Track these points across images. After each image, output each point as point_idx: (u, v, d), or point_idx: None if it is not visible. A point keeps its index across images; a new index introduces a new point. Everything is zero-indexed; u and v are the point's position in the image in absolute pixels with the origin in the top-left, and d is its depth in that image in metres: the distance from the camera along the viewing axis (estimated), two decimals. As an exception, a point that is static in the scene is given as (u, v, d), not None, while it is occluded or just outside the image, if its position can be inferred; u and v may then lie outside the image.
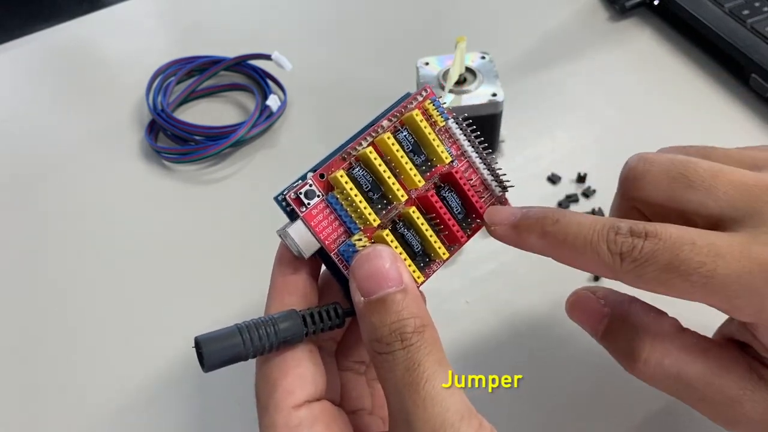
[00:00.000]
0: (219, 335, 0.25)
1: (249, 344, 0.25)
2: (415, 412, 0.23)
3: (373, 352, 0.24)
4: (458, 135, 0.30)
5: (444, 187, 0.29)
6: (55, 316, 0.42)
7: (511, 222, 0.28)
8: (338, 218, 0.27)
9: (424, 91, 0.29)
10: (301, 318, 0.26)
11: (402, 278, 0.25)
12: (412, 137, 0.28)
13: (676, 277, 0.24)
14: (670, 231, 0.25)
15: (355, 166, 0.27)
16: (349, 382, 0.30)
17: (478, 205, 0.29)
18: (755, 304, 0.24)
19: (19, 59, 0.60)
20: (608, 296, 0.31)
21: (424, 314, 0.25)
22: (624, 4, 0.59)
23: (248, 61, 0.56)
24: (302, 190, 0.27)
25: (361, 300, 0.25)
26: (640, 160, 0.29)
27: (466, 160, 0.30)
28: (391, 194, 0.27)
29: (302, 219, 0.27)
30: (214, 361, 0.24)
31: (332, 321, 0.27)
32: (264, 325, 0.25)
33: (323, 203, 0.27)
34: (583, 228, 0.26)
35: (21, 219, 0.48)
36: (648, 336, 0.28)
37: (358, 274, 0.25)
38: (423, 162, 0.28)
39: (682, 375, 0.27)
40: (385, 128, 0.28)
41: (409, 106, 0.29)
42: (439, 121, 0.29)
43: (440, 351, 0.24)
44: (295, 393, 0.25)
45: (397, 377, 0.24)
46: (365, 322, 0.25)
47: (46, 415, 0.38)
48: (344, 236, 0.27)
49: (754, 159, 0.28)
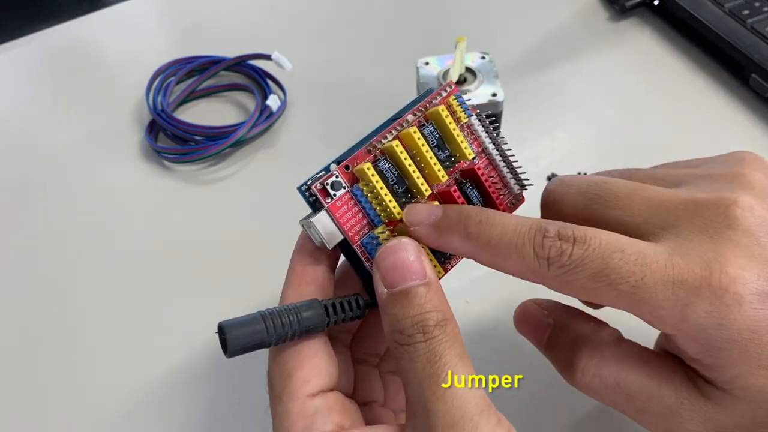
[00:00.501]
0: (243, 321, 0.25)
1: (272, 331, 0.25)
2: (435, 404, 0.23)
3: (394, 342, 0.25)
4: (480, 132, 0.30)
5: (465, 183, 0.29)
6: (54, 316, 0.42)
7: (431, 222, 0.27)
8: (362, 210, 0.27)
9: (448, 86, 0.29)
10: (324, 308, 0.26)
11: (426, 272, 0.25)
12: (437, 132, 0.28)
13: (605, 285, 0.24)
14: (600, 237, 0.24)
15: (380, 159, 0.27)
16: (363, 374, 0.30)
17: (498, 202, 0.29)
18: (676, 315, 0.23)
19: (19, 59, 0.60)
20: (553, 307, 0.30)
21: (446, 308, 0.25)
22: (624, 4, 0.59)
23: (248, 61, 0.56)
24: (329, 181, 0.27)
25: (384, 291, 0.25)
26: (558, 183, 0.29)
27: (486, 157, 0.30)
28: (416, 188, 0.28)
29: (327, 210, 0.27)
30: (236, 346, 0.24)
31: (353, 312, 0.27)
32: (287, 313, 0.25)
33: (348, 195, 0.27)
34: (508, 229, 0.25)
35: (21, 219, 0.48)
36: (586, 346, 0.27)
37: (382, 265, 0.26)
38: (446, 157, 0.28)
39: (621, 384, 0.26)
40: (410, 122, 0.28)
41: (433, 101, 0.29)
42: (462, 118, 0.29)
43: (461, 345, 0.24)
44: (311, 382, 0.25)
45: (417, 369, 0.24)
46: (388, 313, 0.25)
47: (46, 414, 0.38)
48: (367, 228, 0.27)
49: (673, 177, 0.28)
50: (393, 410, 0.30)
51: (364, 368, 0.31)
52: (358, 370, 0.30)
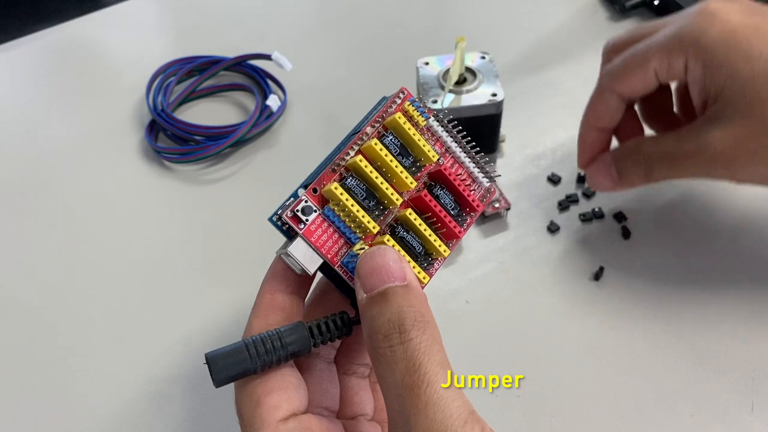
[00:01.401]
0: (227, 351, 0.25)
1: (256, 359, 0.25)
2: (417, 418, 0.22)
3: (372, 349, 0.24)
4: (440, 132, 0.30)
5: (435, 186, 0.29)
6: (54, 316, 0.42)
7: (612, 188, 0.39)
8: (337, 230, 0.27)
9: (401, 93, 0.29)
10: (308, 329, 0.26)
11: (405, 275, 0.25)
12: (398, 140, 0.28)
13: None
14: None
15: (346, 176, 0.27)
16: (351, 387, 0.30)
17: (470, 199, 0.29)
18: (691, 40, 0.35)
19: (19, 59, 0.60)
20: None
21: (425, 312, 0.24)
22: (624, 4, 0.59)
23: (248, 61, 0.56)
24: (299, 207, 0.26)
25: (364, 297, 0.25)
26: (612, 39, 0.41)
27: (450, 156, 0.30)
28: (387, 200, 0.27)
29: (301, 236, 0.26)
30: (223, 376, 0.25)
31: (339, 330, 0.27)
32: (270, 339, 0.25)
33: (320, 217, 0.27)
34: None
35: (21, 218, 0.48)
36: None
37: (362, 271, 0.25)
38: (412, 163, 0.28)
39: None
40: (370, 135, 0.28)
41: (389, 110, 0.29)
42: (420, 121, 0.29)
43: (441, 351, 0.24)
44: (281, 407, 0.25)
45: (397, 379, 0.23)
46: (365, 316, 0.25)
47: (46, 415, 0.38)
48: (345, 247, 0.27)
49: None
50: (381, 422, 0.30)
51: (354, 380, 0.30)
52: (348, 383, 0.30)
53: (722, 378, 0.37)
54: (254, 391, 0.25)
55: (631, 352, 0.38)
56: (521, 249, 0.44)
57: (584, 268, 0.42)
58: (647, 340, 0.39)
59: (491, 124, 0.45)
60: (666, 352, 0.38)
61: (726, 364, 0.37)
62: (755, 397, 0.36)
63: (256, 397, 0.25)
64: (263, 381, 0.25)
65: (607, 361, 0.38)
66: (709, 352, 0.38)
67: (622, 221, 0.44)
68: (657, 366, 0.38)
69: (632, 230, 0.44)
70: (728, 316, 0.39)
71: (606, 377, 0.37)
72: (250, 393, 0.25)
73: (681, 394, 0.36)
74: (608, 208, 0.45)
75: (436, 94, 0.44)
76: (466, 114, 0.43)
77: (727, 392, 0.36)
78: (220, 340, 0.40)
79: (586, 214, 0.45)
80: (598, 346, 0.39)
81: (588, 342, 0.39)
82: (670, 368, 0.37)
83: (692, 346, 0.38)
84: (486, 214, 0.45)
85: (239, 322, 0.40)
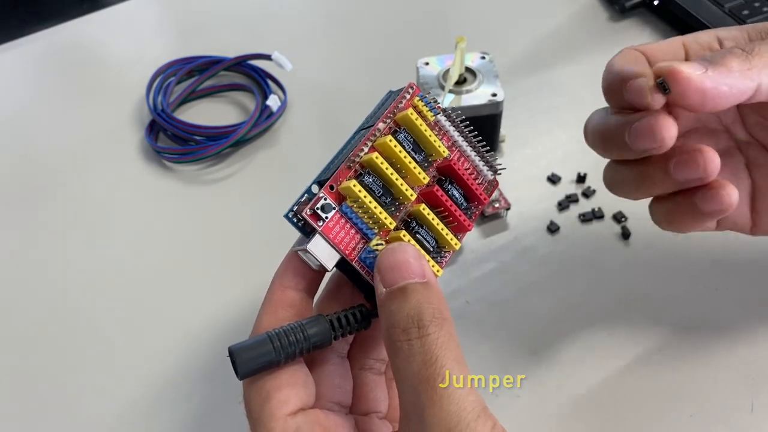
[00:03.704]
0: (251, 344, 0.25)
1: (280, 351, 0.25)
2: (431, 409, 0.23)
3: (390, 341, 0.25)
4: (448, 127, 0.30)
5: (445, 180, 0.29)
6: (54, 315, 0.42)
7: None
8: (354, 227, 0.27)
9: (410, 88, 0.29)
10: (329, 322, 0.26)
11: (425, 273, 0.26)
12: (411, 136, 0.28)
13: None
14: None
15: (363, 173, 0.27)
16: (367, 383, 0.30)
17: (478, 192, 0.29)
18: None
19: (19, 59, 0.60)
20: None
21: (444, 309, 0.25)
22: (624, 4, 0.59)
23: (248, 61, 0.56)
24: (319, 204, 0.27)
25: (383, 291, 0.25)
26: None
27: (457, 150, 0.30)
28: (401, 195, 0.28)
29: (321, 233, 0.27)
30: (247, 368, 0.25)
31: (359, 324, 0.27)
32: (293, 332, 0.26)
33: (338, 214, 0.27)
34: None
35: (21, 218, 0.48)
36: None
37: (382, 266, 0.26)
38: (423, 159, 0.29)
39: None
40: (382, 131, 0.28)
41: (399, 105, 0.29)
42: (429, 117, 0.29)
43: (458, 348, 0.24)
44: (290, 402, 0.25)
45: (413, 371, 0.24)
46: (384, 310, 0.25)
47: (46, 415, 0.38)
48: (362, 243, 0.27)
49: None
50: (394, 420, 0.30)
51: (369, 376, 0.30)
52: (363, 378, 0.30)
53: (722, 378, 0.37)
54: (264, 385, 0.26)
55: (631, 352, 0.38)
56: (521, 249, 0.44)
57: (584, 268, 0.42)
58: (647, 340, 0.39)
59: (491, 125, 0.45)
60: (666, 352, 0.38)
61: (726, 364, 0.37)
62: (755, 397, 0.36)
63: (266, 391, 0.26)
64: (273, 376, 0.26)
65: (607, 361, 0.38)
66: (709, 352, 0.38)
67: (621, 221, 0.44)
68: (657, 366, 0.38)
69: (632, 230, 0.44)
70: (728, 316, 0.39)
71: (606, 377, 0.37)
72: (259, 387, 0.26)
73: (681, 394, 0.37)
74: (608, 208, 0.45)
75: (436, 94, 0.44)
76: (466, 114, 0.43)
77: (727, 392, 0.36)
78: (220, 340, 0.40)
79: (585, 214, 0.45)
80: (598, 346, 0.39)
81: (588, 342, 0.39)
82: (670, 368, 0.38)
83: (692, 346, 0.38)
84: (486, 214, 0.45)
85: (239, 320, 0.40)
